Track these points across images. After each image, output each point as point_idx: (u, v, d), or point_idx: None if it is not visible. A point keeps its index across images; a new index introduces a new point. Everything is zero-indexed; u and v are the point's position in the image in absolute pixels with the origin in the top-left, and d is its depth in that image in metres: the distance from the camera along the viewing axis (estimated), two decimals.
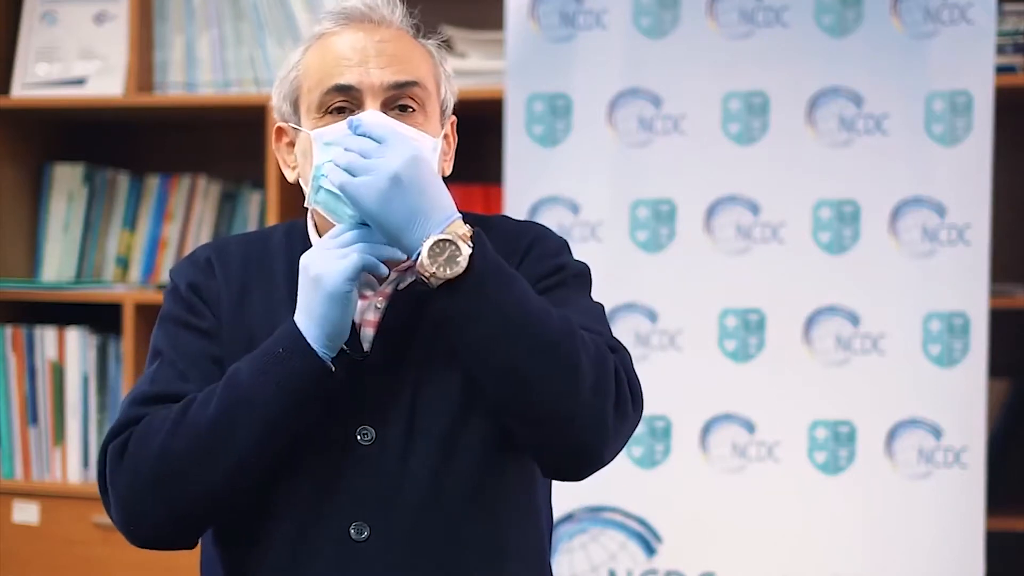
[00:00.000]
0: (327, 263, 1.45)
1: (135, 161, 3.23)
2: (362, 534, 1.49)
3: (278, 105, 1.60)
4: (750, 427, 2.58)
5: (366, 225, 1.47)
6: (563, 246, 1.62)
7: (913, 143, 2.54)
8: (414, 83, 1.53)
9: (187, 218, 3.11)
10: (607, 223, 2.61)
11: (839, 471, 2.55)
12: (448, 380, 1.52)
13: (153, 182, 3.14)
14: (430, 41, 1.61)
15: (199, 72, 3.00)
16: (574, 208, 2.62)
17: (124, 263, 3.13)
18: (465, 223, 1.45)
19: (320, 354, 1.45)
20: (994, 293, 2.64)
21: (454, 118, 1.63)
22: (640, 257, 2.61)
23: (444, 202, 1.45)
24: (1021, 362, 2.87)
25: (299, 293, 1.48)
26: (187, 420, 1.46)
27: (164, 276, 3.10)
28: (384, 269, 1.48)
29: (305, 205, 1.55)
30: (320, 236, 1.57)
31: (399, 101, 1.52)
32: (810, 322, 2.57)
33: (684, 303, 2.58)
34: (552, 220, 2.60)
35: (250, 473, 1.47)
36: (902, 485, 2.53)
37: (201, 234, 3.10)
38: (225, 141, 3.18)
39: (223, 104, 2.96)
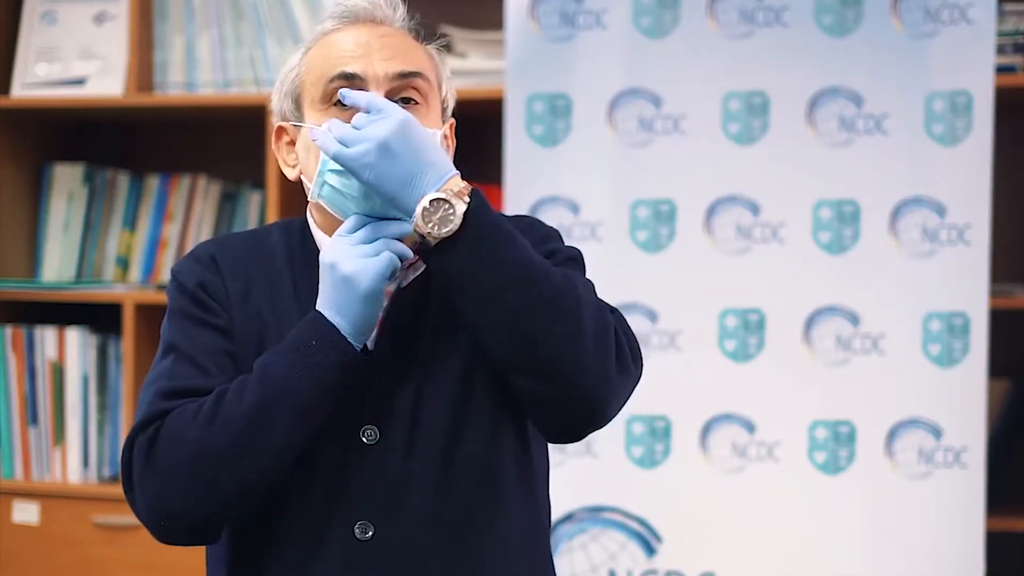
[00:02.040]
0: (358, 262, 1.45)
1: (135, 161, 3.23)
2: (367, 533, 1.50)
3: (278, 104, 1.61)
4: (750, 427, 2.58)
5: (377, 219, 1.48)
6: (554, 233, 1.63)
7: (913, 143, 2.54)
8: (418, 73, 1.54)
9: (187, 218, 3.11)
10: (607, 223, 2.61)
11: (839, 471, 2.55)
12: (451, 378, 1.52)
13: (153, 182, 3.15)
14: (430, 44, 1.62)
15: (199, 72, 3.00)
16: (574, 208, 2.62)
17: (124, 263, 3.13)
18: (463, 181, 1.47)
19: (358, 347, 1.46)
20: (994, 293, 2.64)
21: (453, 121, 1.63)
22: (640, 257, 2.61)
23: (439, 161, 1.46)
24: (1021, 362, 2.87)
25: (323, 289, 1.47)
26: (221, 413, 1.45)
27: (164, 276, 3.10)
28: (410, 254, 1.48)
29: (310, 199, 1.56)
30: (322, 232, 1.57)
31: (403, 92, 1.53)
32: (810, 322, 2.57)
33: (684, 303, 2.59)
34: (552, 220, 2.59)
35: (284, 465, 1.47)
36: (902, 485, 2.53)
37: (201, 234, 3.10)
38: (225, 141, 3.19)
39: (223, 104, 2.96)
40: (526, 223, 1.62)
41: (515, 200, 2.62)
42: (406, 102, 1.53)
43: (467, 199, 1.43)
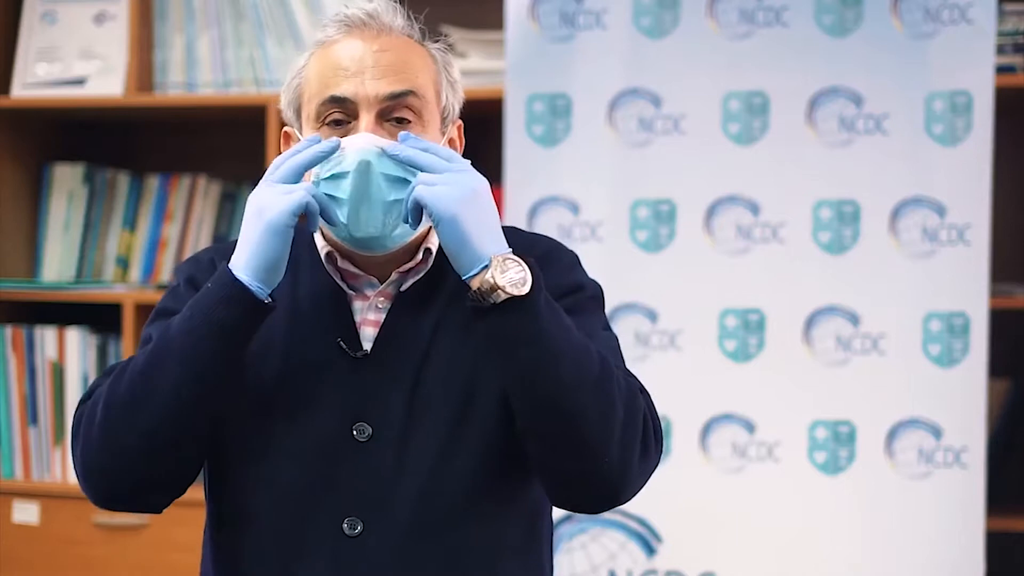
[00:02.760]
0: (273, 197, 1.46)
1: (135, 161, 3.23)
2: (355, 529, 1.50)
3: (284, 110, 1.62)
4: (750, 427, 2.58)
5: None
6: (576, 261, 1.63)
7: (913, 143, 2.54)
8: (409, 92, 1.53)
9: (187, 218, 3.11)
10: (607, 223, 2.61)
11: (839, 471, 2.55)
12: (448, 382, 1.52)
13: (153, 182, 3.14)
14: (435, 45, 1.61)
15: (199, 72, 3.00)
16: (574, 208, 2.62)
17: (124, 263, 3.13)
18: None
19: (253, 288, 1.45)
20: (994, 293, 2.64)
21: (460, 122, 1.63)
22: (640, 257, 2.61)
23: (498, 227, 1.48)
24: (1021, 362, 2.87)
25: (242, 229, 1.48)
26: (128, 369, 1.49)
27: (164, 276, 3.10)
28: (316, 210, 1.47)
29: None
30: (326, 242, 1.58)
31: (395, 113, 1.53)
32: (810, 322, 2.57)
33: (684, 303, 2.59)
34: (552, 220, 2.61)
35: (185, 413, 1.46)
36: (902, 485, 2.53)
37: (201, 234, 3.10)
38: (225, 141, 3.18)
39: (223, 104, 2.96)
40: (546, 246, 1.62)
41: (515, 200, 2.62)
42: (399, 122, 1.53)
43: (532, 267, 1.44)
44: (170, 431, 1.46)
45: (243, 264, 1.46)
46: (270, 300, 1.47)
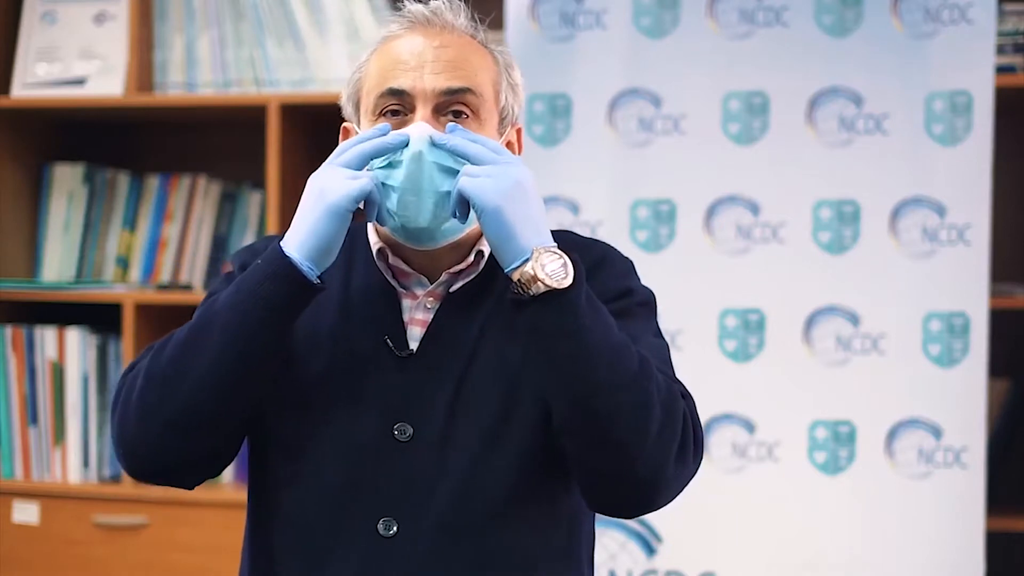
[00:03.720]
0: (337, 180, 1.46)
1: (135, 161, 3.23)
2: (390, 530, 1.49)
3: (344, 105, 1.62)
4: (750, 427, 2.58)
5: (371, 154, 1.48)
6: (631, 268, 1.63)
7: (913, 143, 2.54)
8: (467, 90, 1.53)
9: (187, 218, 3.11)
10: (607, 223, 2.61)
11: (839, 471, 2.55)
12: (492, 385, 1.51)
13: (153, 182, 3.14)
14: (498, 48, 1.61)
15: (199, 72, 3.00)
16: (574, 208, 2.62)
17: (124, 263, 3.13)
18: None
19: (304, 268, 1.45)
20: (994, 293, 2.64)
21: (519, 125, 1.63)
22: (640, 257, 2.59)
23: (543, 221, 1.47)
24: (1021, 362, 2.87)
25: (299, 209, 1.48)
26: (171, 342, 1.48)
27: (164, 276, 3.10)
28: (377, 200, 1.47)
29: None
30: (379, 238, 1.58)
31: (451, 108, 1.53)
32: (810, 322, 2.57)
33: (684, 303, 2.58)
34: (552, 220, 2.58)
35: (224, 389, 1.46)
36: (902, 485, 2.53)
37: (201, 234, 3.10)
38: (225, 141, 3.19)
39: (223, 104, 2.96)
40: (601, 251, 1.61)
41: None
42: (456, 116, 1.53)
43: (576, 262, 1.43)
44: (209, 405, 1.46)
45: (296, 243, 1.46)
46: (319, 282, 1.47)
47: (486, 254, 1.56)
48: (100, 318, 3.03)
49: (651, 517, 2.59)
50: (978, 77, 2.51)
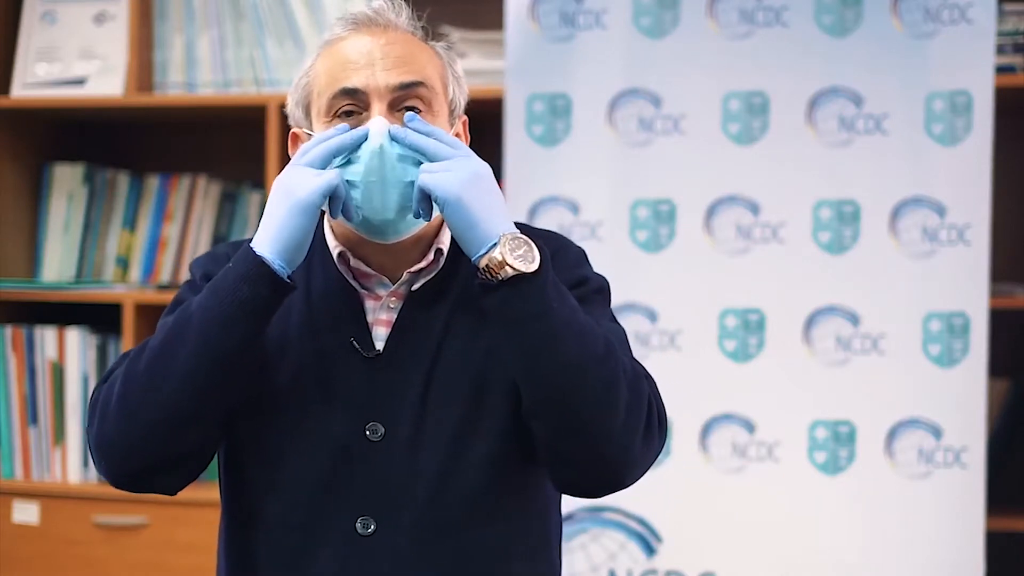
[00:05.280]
0: (303, 178, 1.48)
1: (135, 161, 3.23)
2: (368, 528, 1.51)
3: (292, 111, 1.62)
4: (750, 427, 2.58)
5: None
6: (583, 256, 1.65)
7: (913, 143, 2.54)
8: (419, 83, 1.55)
9: (187, 218, 3.11)
10: (607, 223, 2.61)
11: (839, 471, 2.55)
12: (460, 381, 1.53)
13: (153, 182, 3.14)
14: (438, 44, 1.63)
15: (199, 72, 3.00)
16: (574, 208, 2.62)
17: (124, 263, 3.13)
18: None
19: (276, 266, 1.46)
20: (994, 293, 2.64)
21: (465, 118, 1.65)
22: (640, 257, 2.61)
23: (505, 209, 1.49)
24: (1021, 362, 2.87)
25: (266, 210, 1.49)
26: (147, 348, 1.49)
27: (164, 276, 3.10)
28: (342, 196, 1.49)
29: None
30: (336, 238, 1.59)
31: (405, 102, 1.54)
32: (810, 322, 2.57)
33: (684, 303, 2.59)
34: (552, 220, 2.61)
35: (202, 391, 1.46)
36: (902, 485, 2.53)
37: (201, 234, 3.10)
38: (225, 141, 3.19)
39: (223, 104, 2.96)
40: (556, 243, 1.63)
41: (515, 200, 2.62)
42: (410, 111, 1.54)
43: (541, 248, 1.45)
44: (187, 407, 1.46)
45: (267, 242, 1.47)
46: (290, 280, 1.48)
47: (445, 251, 1.58)
48: (100, 318, 3.03)
49: (651, 517, 2.59)
50: (978, 77, 2.51)
